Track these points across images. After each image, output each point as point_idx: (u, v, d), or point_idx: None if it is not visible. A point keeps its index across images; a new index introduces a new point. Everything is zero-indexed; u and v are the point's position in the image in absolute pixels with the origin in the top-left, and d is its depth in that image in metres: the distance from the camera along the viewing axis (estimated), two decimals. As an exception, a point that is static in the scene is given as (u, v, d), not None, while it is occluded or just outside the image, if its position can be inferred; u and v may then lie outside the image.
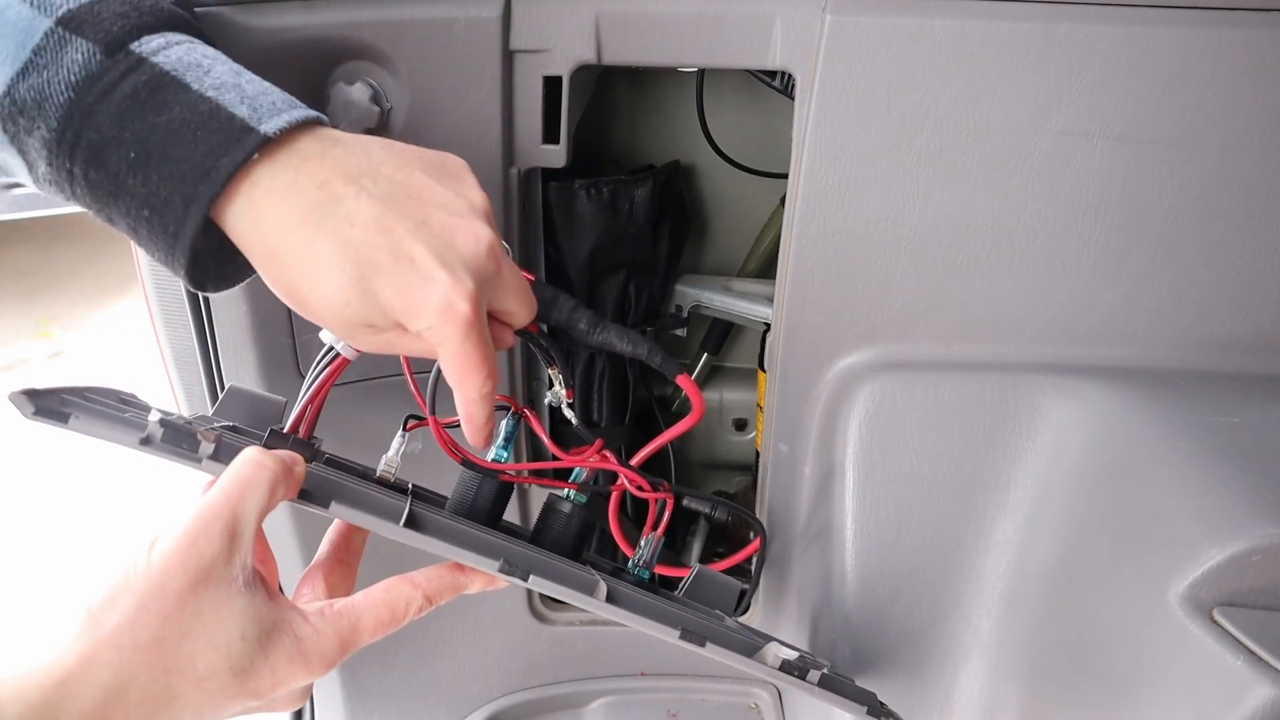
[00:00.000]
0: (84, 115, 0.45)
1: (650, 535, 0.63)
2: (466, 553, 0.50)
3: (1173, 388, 0.68)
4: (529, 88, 0.68)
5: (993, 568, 0.70)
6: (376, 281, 0.44)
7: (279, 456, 0.46)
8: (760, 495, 0.83)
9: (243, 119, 0.45)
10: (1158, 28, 0.62)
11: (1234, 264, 0.68)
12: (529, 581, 0.50)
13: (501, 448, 0.59)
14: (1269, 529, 0.51)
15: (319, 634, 0.47)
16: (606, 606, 0.52)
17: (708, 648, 0.54)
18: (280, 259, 0.46)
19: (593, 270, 0.87)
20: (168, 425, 0.46)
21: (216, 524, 0.43)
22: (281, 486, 0.46)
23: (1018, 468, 0.69)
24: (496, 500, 0.58)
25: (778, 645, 0.56)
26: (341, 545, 0.56)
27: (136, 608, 0.41)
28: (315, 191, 0.45)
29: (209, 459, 0.47)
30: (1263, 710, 0.47)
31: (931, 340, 0.72)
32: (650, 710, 0.98)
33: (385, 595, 0.50)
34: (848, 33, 0.63)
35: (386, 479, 0.57)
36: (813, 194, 0.68)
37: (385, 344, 0.48)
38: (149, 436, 0.46)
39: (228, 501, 0.44)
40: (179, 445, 0.47)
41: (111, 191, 0.46)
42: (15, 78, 0.45)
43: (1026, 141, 0.65)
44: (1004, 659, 0.68)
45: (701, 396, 0.61)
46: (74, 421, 0.46)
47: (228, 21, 0.62)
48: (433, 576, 0.52)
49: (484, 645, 0.94)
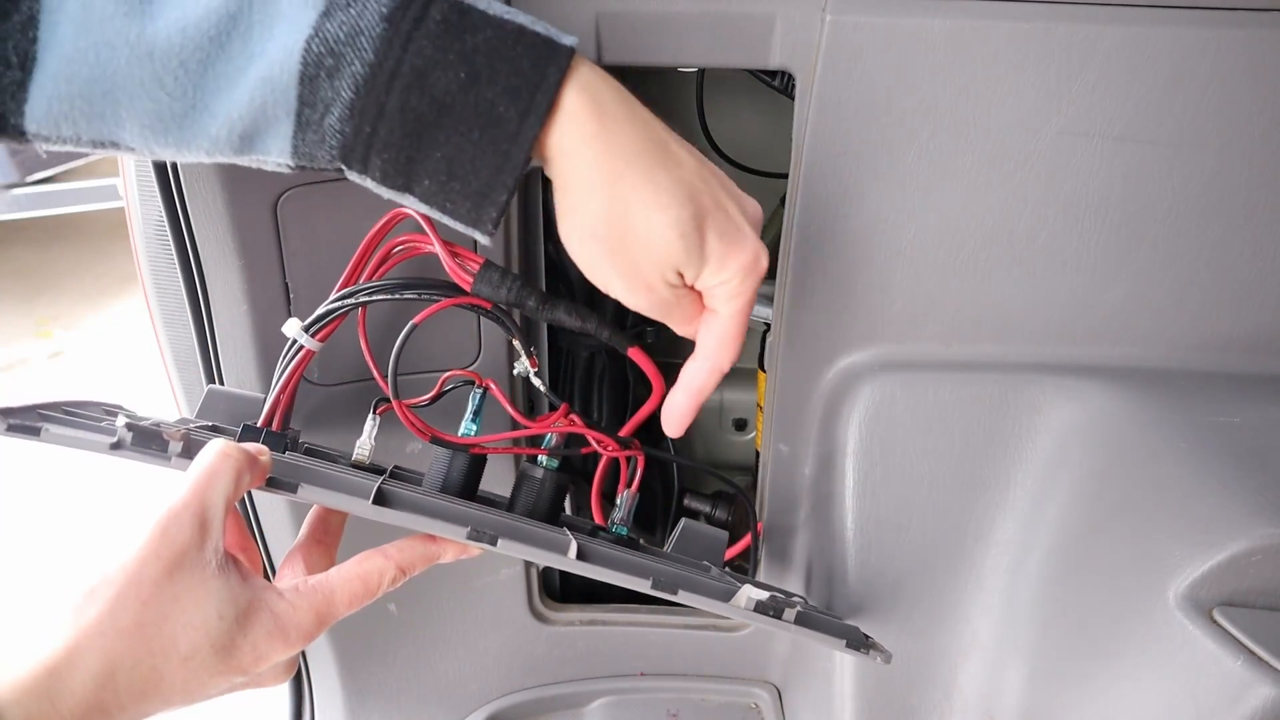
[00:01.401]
0: (403, 42, 0.45)
1: (626, 493, 0.65)
2: (435, 522, 0.51)
3: (1173, 388, 0.68)
4: (529, 88, 0.68)
5: (993, 567, 0.70)
6: (706, 222, 0.49)
7: (243, 447, 0.49)
8: (760, 495, 0.83)
9: (545, 35, 0.47)
10: (1158, 28, 0.62)
11: (1234, 264, 0.68)
12: (498, 546, 0.51)
13: (471, 421, 0.61)
14: (1269, 529, 0.51)
15: (295, 609, 0.49)
16: (577, 564, 0.53)
17: (680, 595, 0.54)
18: (620, 182, 0.48)
19: (593, 270, 0.87)
20: (135, 429, 0.49)
21: (185, 513, 0.45)
22: (247, 474, 0.48)
23: (1018, 468, 0.69)
24: (470, 474, 0.60)
25: (751, 588, 0.56)
26: (319, 527, 0.58)
27: (116, 596, 0.43)
28: (637, 124, 0.50)
29: (178, 457, 0.50)
30: (1263, 710, 0.47)
31: (931, 340, 0.72)
32: (650, 710, 0.98)
33: (358, 568, 0.52)
34: (848, 33, 0.63)
35: (362, 462, 0.60)
36: (813, 194, 0.68)
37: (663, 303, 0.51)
38: (119, 441, 0.49)
39: (195, 490, 0.46)
40: (148, 447, 0.49)
41: (432, 121, 0.46)
42: (321, 18, 0.45)
43: (1026, 142, 0.65)
44: (1004, 658, 0.68)
45: (657, 369, 0.62)
46: (46, 434, 0.49)
47: (228, 21, 0.62)
48: (404, 547, 0.54)
49: (484, 645, 0.94)
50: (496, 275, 0.59)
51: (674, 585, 0.54)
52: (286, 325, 0.59)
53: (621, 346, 0.62)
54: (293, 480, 0.51)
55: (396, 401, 0.58)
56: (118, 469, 0.55)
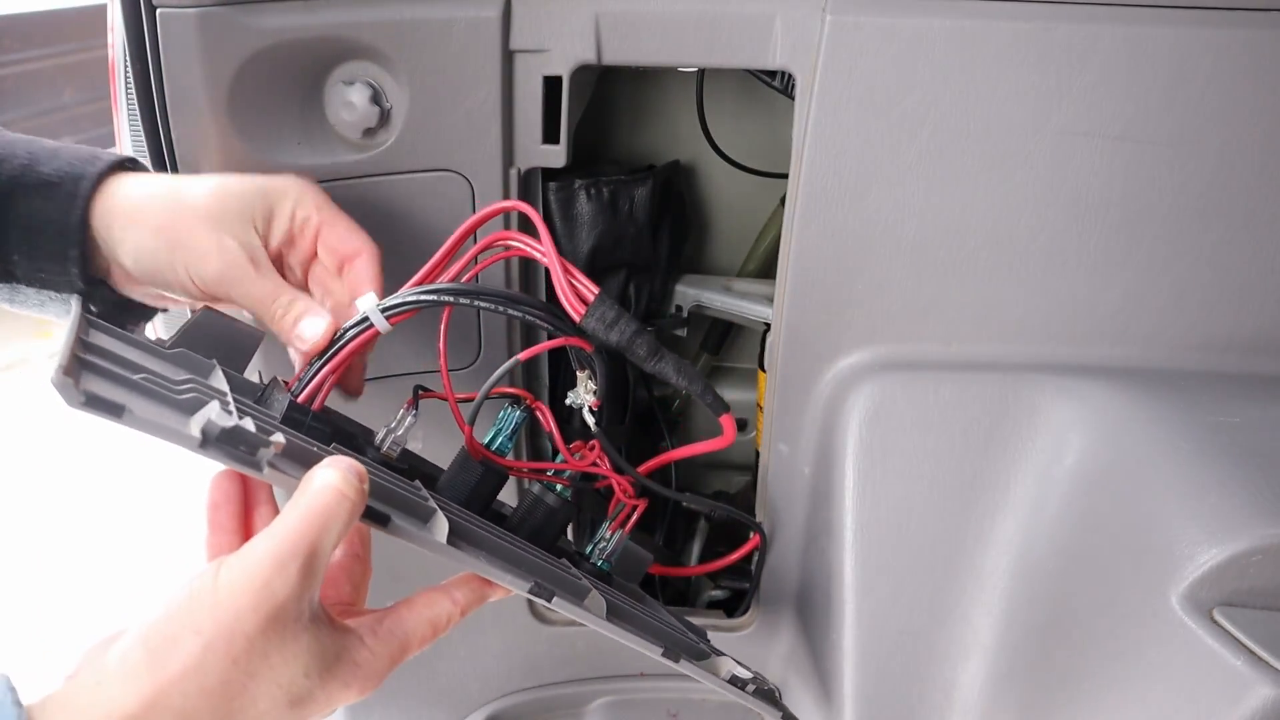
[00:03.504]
0: None
1: (618, 533, 0.65)
2: (505, 574, 0.49)
3: (1173, 388, 0.68)
4: (529, 88, 0.68)
5: (993, 567, 0.70)
6: None
7: (354, 482, 0.43)
8: (760, 495, 0.83)
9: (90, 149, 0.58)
10: (1158, 28, 0.62)
11: (1234, 264, 0.68)
12: (552, 602, 0.50)
13: (507, 439, 0.60)
14: (1269, 529, 0.51)
15: (374, 656, 0.46)
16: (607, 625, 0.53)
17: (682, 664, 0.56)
18: None
19: (593, 270, 0.87)
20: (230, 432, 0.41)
21: (294, 564, 0.40)
22: (358, 512, 0.44)
23: (1018, 468, 0.69)
24: (494, 490, 0.59)
25: (730, 661, 0.60)
26: (356, 540, 0.55)
27: (203, 650, 0.39)
28: None
29: (269, 467, 0.43)
30: (1263, 710, 0.47)
31: (931, 340, 0.72)
32: (650, 710, 0.98)
33: (429, 612, 0.50)
34: (848, 33, 0.63)
35: (390, 458, 0.56)
36: (813, 194, 0.68)
37: None
38: (205, 437, 0.41)
39: (306, 537, 0.41)
40: (237, 447, 0.42)
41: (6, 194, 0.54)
42: None
43: (1026, 141, 0.65)
44: (1004, 659, 0.68)
45: (735, 431, 0.61)
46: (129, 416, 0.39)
47: (228, 21, 0.62)
48: (466, 592, 0.52)
49: (484, 645, 0.94)
50: (612, 314, 0.54)
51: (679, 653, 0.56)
52: (362, 299, 0.54)
53: (718, 411, 0.60)
54: (385, 510, 0.46)
55: (469, 428, 0.55)
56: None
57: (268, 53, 0.64)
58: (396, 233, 0.70)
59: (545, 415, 0.59)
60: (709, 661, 0.60)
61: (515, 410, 0.60)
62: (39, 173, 0.56)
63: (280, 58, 0.64)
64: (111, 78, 0.84)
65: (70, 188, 0.56)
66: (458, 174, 0.70)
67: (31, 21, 3.50)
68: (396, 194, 0.70)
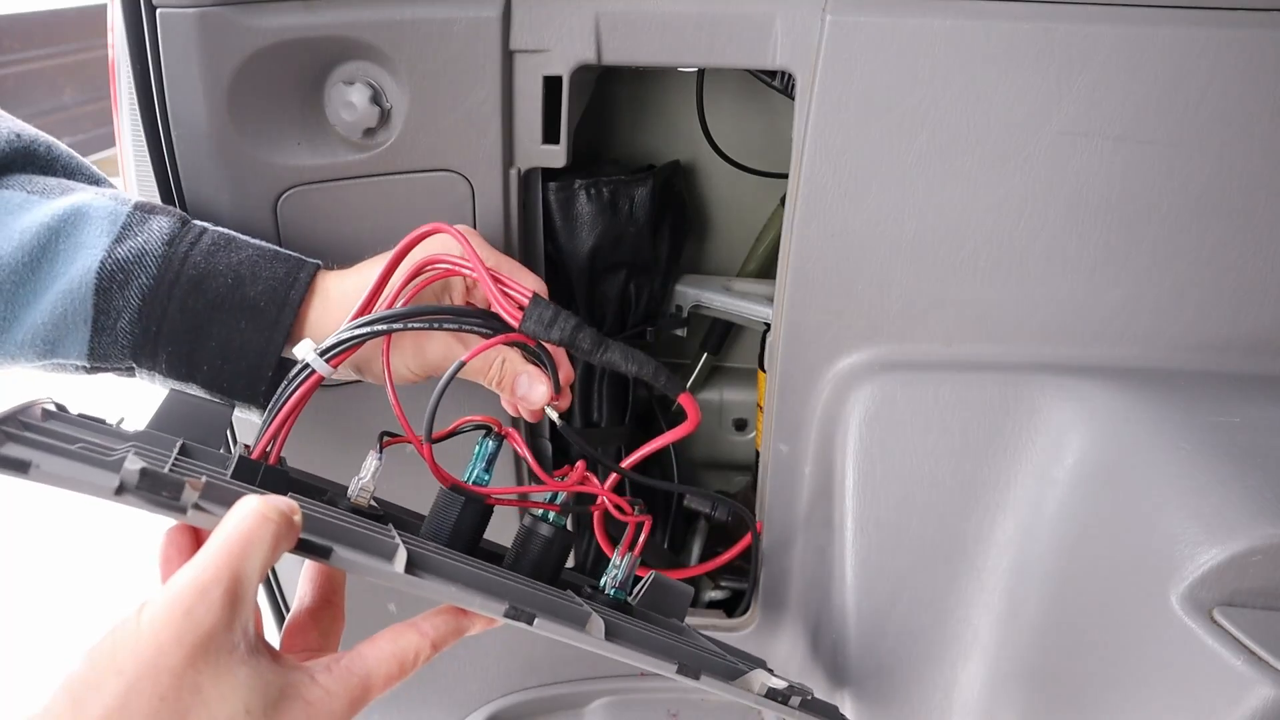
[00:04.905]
0: (181, 259, 0.58)
1: (627, 556, 0.62)
2: (474, 598, 0.47)
3: (1173, 388, 0.68)
4: (529, 88, 0.68)
5: (993, 567, 0.70)
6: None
7: (280, 506, 0.42)
8: (760, 495, 0.83)
9: (295, 255, 0.62)
10: (1158, 28, 0.62)
11: (1234, 264, 0.68)
12: (534, 625, 0.48)
13: (484, 471, 0.58)
14: (1269, 529, 0.51)
15: (329, 695, 0.43)
16: (607, 644, 0.50)
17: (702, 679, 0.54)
18: None
19: (593, 270, 0.87)
20: (148, 474, 0.40)
21: (216, 589, 0.38)
22: (284, 540, 0.41)
23: (1018, 468, 0.69)
24: (478, 525, 0.56)
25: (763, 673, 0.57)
26: (325, 585, 0.52)
27: (127, 690, 0.36)
28: None
29: (194, 510, 0.41)
30: (1263, 710, 0.47)
31: (931, 340, 0.72)
32: (650, 710, 0.98)
33: (393, 646, 0.47)
34: (848, 33, 0.63)
35: (361, 505, 0.54)
36: (813, 194, 0.68)
37: None
38: (123, 485, 0.39)
39: (227, 561, 0.39)
40: (158, 494, 0.40)
41: (207, 318, 0.58)
42: (112, 244, 0.57)
43: (1026, 142, 0.65)
44: (1004, 659, 0.68)
45: (699, 411, 0.61)
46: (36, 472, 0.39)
47: (228, 21, 0.62)
48: (438, 623, 0.49)
49: (484, 645, 0.94)
50: (549, 313, 0.54)
51: (697, 670, 0.53)
52: (299, 347, 0.53)
53: (673, 393, 0.59)
54: (326, 543, 0.44)
55: (427, 446, 0.53)
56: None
57: (268, 53, 0.64)
58: (396, 233, 0.70)
59: (516, 440, 0.57)
60: (742, 679, 0.57)
61: (487, 440, 0.58)
62: (245, 295, 0.59)
63: (280, 58, 0.64)
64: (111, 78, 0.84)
65: (273, 314, 0.59)
66: (458, 174, 0.70)
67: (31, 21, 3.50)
68: (396, 194, 0.70)
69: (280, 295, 0.59)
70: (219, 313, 0.58)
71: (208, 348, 0.59)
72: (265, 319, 0.59)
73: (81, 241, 0.58)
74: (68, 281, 0.57)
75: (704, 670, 0.53)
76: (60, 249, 0.57)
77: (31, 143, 0.63)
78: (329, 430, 0.79)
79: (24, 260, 0.57)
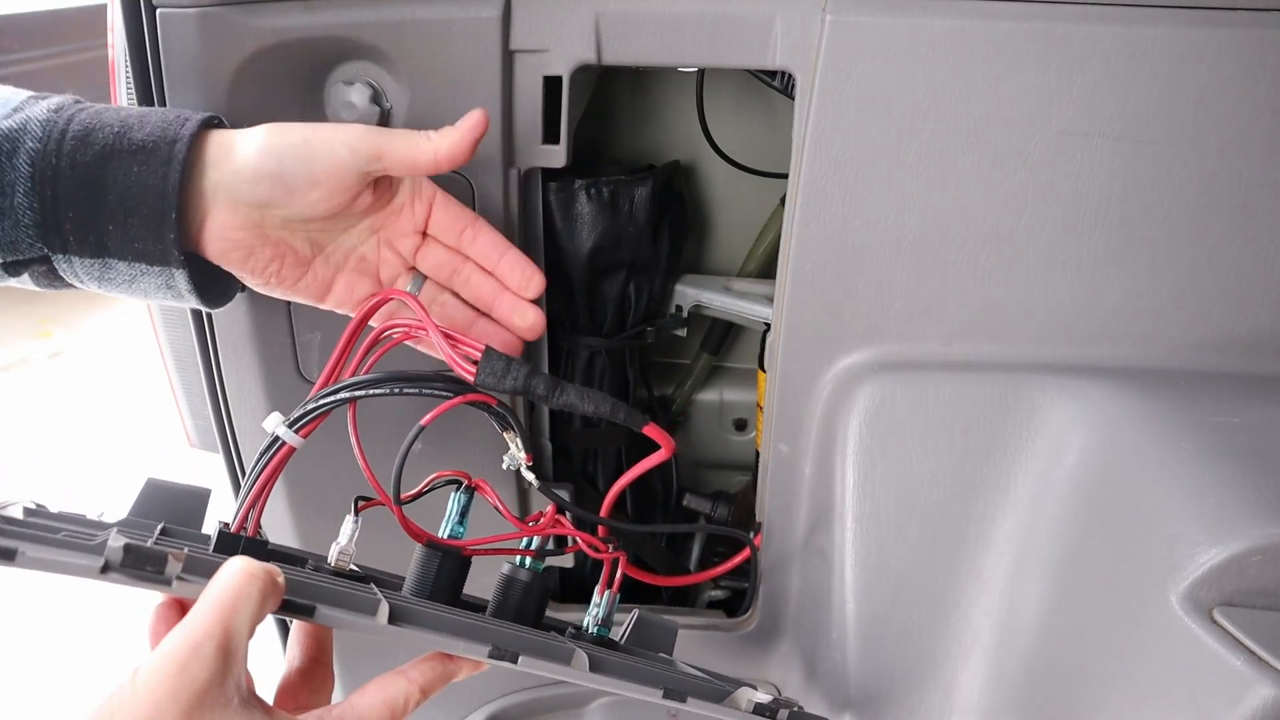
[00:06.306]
0: (65, 121, 0.56)
1: (606, 594, 0.64)
2: (457, 642, 0.48)
3: (1173, 388, 0.68)
4: (529, 88, 0.68)
5: (993, 568, 0.70)
6: None
7: (265, 566, 0.44)
8: (760, 495, 0.83)
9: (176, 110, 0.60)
10: (1158, 28, 0.62)
11: (1234, 264, 0.68)
12: (519, 663, 0.49)
13: (458, 524, 0.59)
14: (1269, 529, 0.51)
15: None
16: (590, 676, 0.52)
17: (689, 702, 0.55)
18: None
19: (593, 270, 0.87)
20: (132, 550, 0.42)
21: (209, 644, 0.39)
22: (271, 598, 0.43)
23: (1018, 468, 0.69)
24: (458, 577, 0.58)
25: (749, 690, 0.58)
26: (313, 645, 0.54)
27: None
28: None
29: (179, 580, 0.43)
30: (1263, 710, 0.47)
31: (931, 340, 0.72)
32: (650, 710, 0.98)
33: (384, 694, 0.48)
34: (848, 33, 0.63)
35: (342, 569, 0.56)
36: (813, 194, 0.68)
37: None
38: (108, 564, 0.41)
39: (218, 618, 0.40)
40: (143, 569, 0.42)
41: (99, 168, 0.55)
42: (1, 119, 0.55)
43: (1026, 141, 0.65)
44: (1004, 659, 0.68)
45: (669, 437, 0.62)
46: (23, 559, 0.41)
47: (227, 21, 0.62)
48: (424, 669, 0.51)
49: (484, 645, 0.94)
50: (501, 363, 0.56)
51: (683, 694, 0.55)
52: (267, 420, 0.54)
53: (636, 426, 0.60)
54: (308, 602, 0.45)
55: (398, 505, 0.54)
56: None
57: (268, 53, 0.64)
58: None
59: (487, 491, 0.59)
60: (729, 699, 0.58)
61: (459, 493, 0.59)
62: (132, 139, 0.56)
63: (280, 58, 0.64)
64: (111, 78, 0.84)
65: (165, 151, 0.56)
66: (458, 174, 0.70)
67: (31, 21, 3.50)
68: (396, 194, 0.70)
69: (170, 133, 0.56)
70: (109, 161, 0.55)
71: (107, 202, 0.56)
72: (158, 157, 0.55)
73: None
74: None
75: (690, 693, 0.55)
76: None
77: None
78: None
79: None
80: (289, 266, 0.61)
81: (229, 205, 0.58)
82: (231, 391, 0.79)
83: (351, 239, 0.64)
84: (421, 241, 0.66)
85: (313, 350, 0.76)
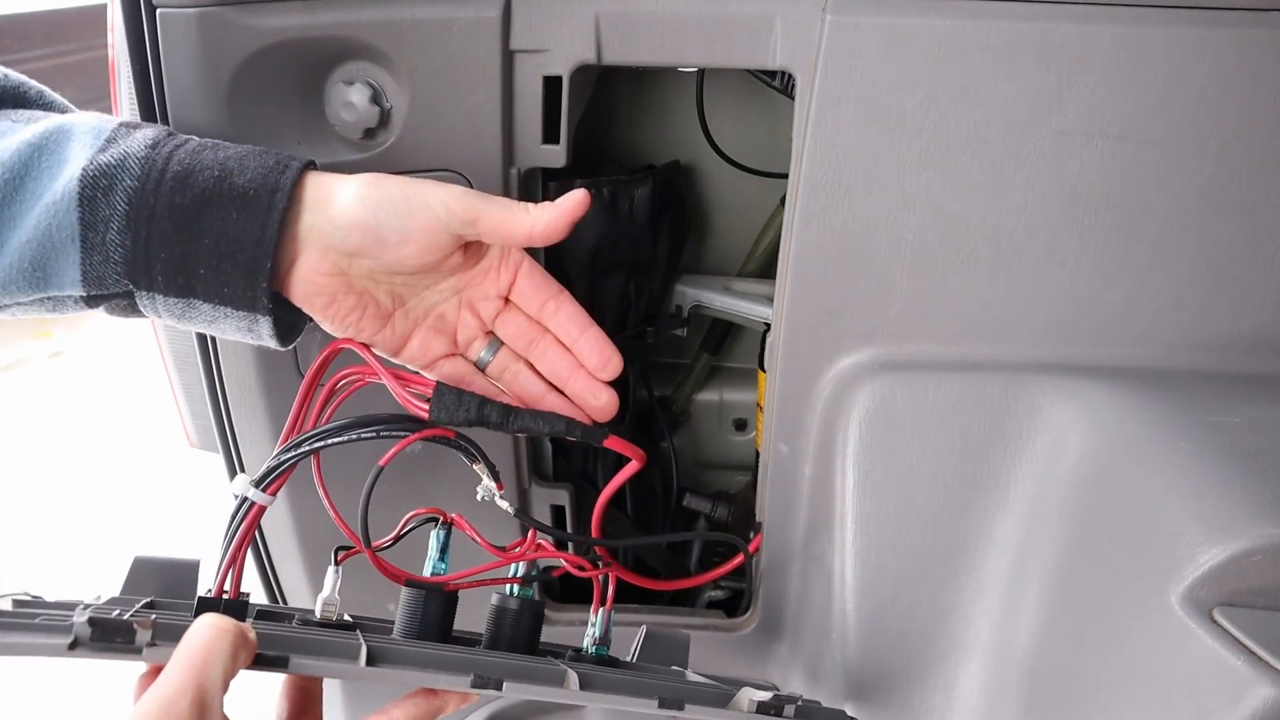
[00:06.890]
0: (165, 159, 0.55)
1: (601, 611, 0.65)
2: (438, 675, 0.48)
3: (1173, 388, 0.68)
4: (529, 88, 0.68)
5: (993, 568, 0.70)
6: None
7: (234, 621, 0.44)
8: (760, 495, 0.83)
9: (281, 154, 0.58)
10: (1158, 28, 0.62)
11: (1234, 264, 0.68)
12: (504, 690, 0.49)
13: (439, 560, 0.59)
14: (1269, 529, 0.51)
15: None
16: (582, 694, 0.52)
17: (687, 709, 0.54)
18: None
19: (593, 270, 0.87)
20: (98, 623, 0.41)
21: (182, 700, 0.40)
22: (242, 651, 0.43)
23: (1018, 468, 0.69)
24: (445, 613, 0.58)
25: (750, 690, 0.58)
26: (299, 697, 0.54)
27: None
28: None
29: (149, 647, 0.43)
30: (1263, 710, 0.47)
31: (931, 340, 0.72)
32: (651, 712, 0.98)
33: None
34: (848, 33, 0.64)
35: (329, 620, 0.56)
36: (813, 194, 0.68)
37: None
38: (76, 640, 0.41)
39: (190, 673, 0.41)
40: (113, 641, 0.42)
41: (196, 213, 0.55)
42: (95, 153, 0.55)
43: (1026, 141, 0.65)
44: (1004, 659, 0.68)
45: (638, 450, 0.62)
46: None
47: (227, 21, 0.62)
48: (408, 707, 0.51)
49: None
50: (452, 397, 0.56)
51: (680, 702, 0.54)
52: (234, 483, 0.55)
53: (596, 440, 0.60)
54: (281, 654, 0.46)
55: (369, 550, 0.55)
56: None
57: (268, 53, 0.64)
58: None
59: (464, 525, 0.59)
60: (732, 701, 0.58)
61: (437, 530, 0.59)
62: (233, 184, 0.55)
63: (280, 58, 0.64)
64: (111, 78, 0.84)
65: (265, 200, 0.55)
66: (458, 174, 0.70)
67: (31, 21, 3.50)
68: (396, 194, 0.70)
69: (271, 181, 0.55)
70: (208, 207, 0.55)
71: (201, 246, 0.55)
72: (258, 206, 0.55)
73: (65, 157, 0.55)
74: (51, 195, 0.54)
75: (687, 700, 0.54)
76: (43, 165, 0.55)
77: (21, 84, 0.60)
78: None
79: (5, 179, 0.54)
80: (369, 318, 0.60)
81: (319, 250, 0.57)
82: (231, 391, 0.79)
83: (434, 296, 0.62)
84: (503, 307, 0.63)
85: (312, 350, 0.76)
